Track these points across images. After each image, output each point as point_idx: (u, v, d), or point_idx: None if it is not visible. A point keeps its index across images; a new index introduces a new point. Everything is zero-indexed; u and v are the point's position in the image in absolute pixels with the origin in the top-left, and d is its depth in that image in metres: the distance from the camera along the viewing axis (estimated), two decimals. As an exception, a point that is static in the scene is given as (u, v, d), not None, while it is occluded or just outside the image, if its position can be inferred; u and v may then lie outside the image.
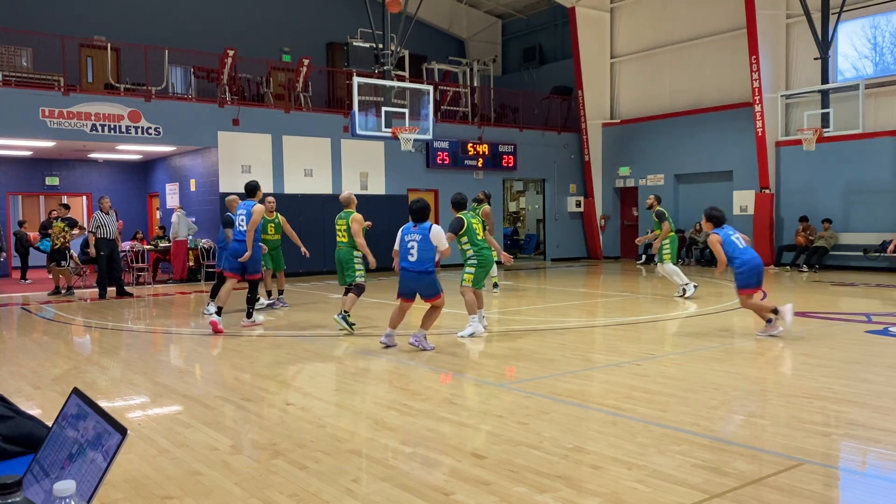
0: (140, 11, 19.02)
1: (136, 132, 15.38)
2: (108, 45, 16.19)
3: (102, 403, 5.50)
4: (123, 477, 3.79)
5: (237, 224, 9.25)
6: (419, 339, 7.52)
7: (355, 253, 9.08)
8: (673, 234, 12.11)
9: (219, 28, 19.84)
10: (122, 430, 1.50)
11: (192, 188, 17.65)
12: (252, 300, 9.55)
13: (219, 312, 9.01)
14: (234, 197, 11.03)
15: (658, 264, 12.22)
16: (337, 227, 9.31)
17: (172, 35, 18.59)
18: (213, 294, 10.48)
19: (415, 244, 7.44)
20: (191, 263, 16.33)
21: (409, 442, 4.41)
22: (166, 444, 4.41)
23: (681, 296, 11.84)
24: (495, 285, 13.25)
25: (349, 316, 8.73)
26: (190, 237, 16.21)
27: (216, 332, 8.76)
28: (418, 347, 7.49)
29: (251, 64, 18.63)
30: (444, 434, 4.58)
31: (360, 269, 9.08)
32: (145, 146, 16.21)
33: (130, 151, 17.94)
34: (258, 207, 9.15)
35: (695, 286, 11.98)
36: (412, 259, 7.45)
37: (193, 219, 16.53)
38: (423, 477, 3.79)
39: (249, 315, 9.46)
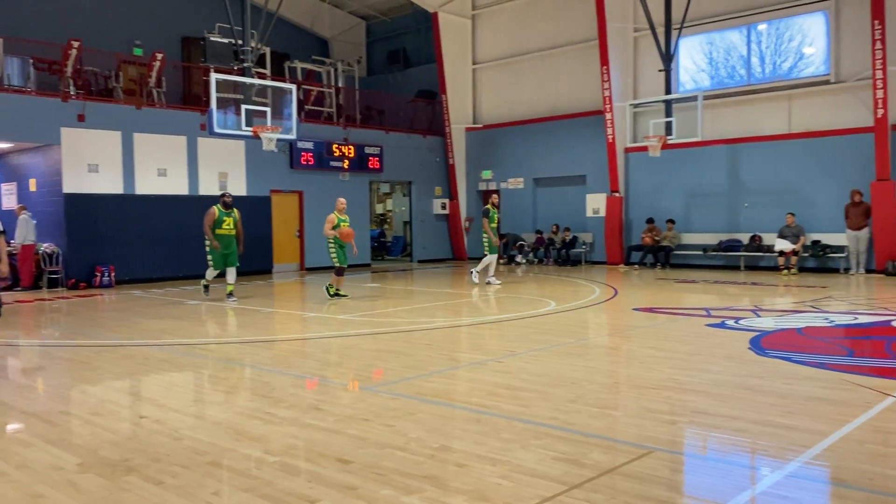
0: (-31, -6, 17.39)
1: (-35, 126, 14.01)
2: (-69, 29, 14.67)
3: (-75, 426, 4.97)
4: (-49, 506, 3.45)
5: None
6: None
7: (329, 241, 12.18)
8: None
9: (62, 17, 18.48)
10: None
11: (33, 188, 16.31)
12: None
13: None
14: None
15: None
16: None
17: (9, 23, 17.12)
18: None
19: None
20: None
21: (273, 451, 4.30)
22: (3, 467, 4.06)
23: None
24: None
25: (331, 288, 12.38)
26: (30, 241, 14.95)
27: None
28: None
29: (99, 56, 17.47)
30: (310, 441, 4.51)
31: (333, 255, 12.25)
32: (-24, 142, 14.80)
33: (-42, 147, 16.34)
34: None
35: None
36: None
37: (35, 221, 15.26)
38: (287, 485, 3.71)
39: None
